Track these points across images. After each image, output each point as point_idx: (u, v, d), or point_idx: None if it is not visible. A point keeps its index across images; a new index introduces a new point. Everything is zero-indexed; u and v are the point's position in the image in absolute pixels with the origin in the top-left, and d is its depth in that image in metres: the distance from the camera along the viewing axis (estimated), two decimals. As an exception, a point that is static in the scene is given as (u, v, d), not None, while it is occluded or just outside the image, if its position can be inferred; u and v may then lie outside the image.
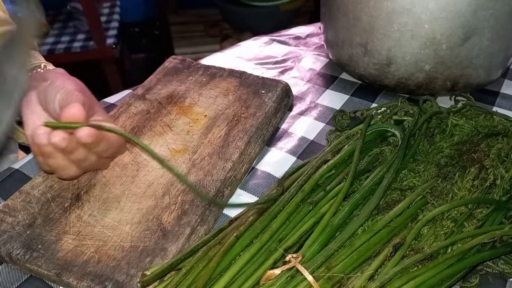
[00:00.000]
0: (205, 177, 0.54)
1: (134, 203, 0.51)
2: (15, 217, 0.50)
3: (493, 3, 0.60)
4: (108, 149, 0.51)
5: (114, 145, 0.52)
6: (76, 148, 0.48)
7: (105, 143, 0.50)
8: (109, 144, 0.51)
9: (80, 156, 0.49)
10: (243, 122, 0.62)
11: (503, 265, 0.47)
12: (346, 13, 0.69)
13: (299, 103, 0.74)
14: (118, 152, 0.56)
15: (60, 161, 0.49)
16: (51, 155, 0.48)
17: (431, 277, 0.41)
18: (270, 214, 0.46)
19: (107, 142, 0.50)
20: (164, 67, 0.74)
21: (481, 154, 0.52)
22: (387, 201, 0.49)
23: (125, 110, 0.65)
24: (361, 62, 0.72)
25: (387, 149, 0.55)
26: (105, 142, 0.50)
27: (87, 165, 0.51)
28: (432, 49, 0.65)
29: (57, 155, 0.48)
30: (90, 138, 0.46)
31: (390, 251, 0.43)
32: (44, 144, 0.46)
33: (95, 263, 0.45)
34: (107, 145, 0.50)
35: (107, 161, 0.55)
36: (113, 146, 0.52)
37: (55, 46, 2.10)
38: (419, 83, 0.69)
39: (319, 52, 0.87)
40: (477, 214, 0.46)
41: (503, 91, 0.74)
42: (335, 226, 0.45)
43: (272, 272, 0.41)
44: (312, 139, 0.65)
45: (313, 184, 0.49)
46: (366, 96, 0.74)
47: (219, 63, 0.77)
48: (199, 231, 0.50)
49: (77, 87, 0.51)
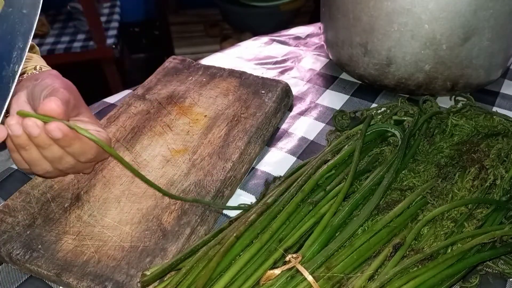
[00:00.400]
0: (205, 177, 0.54)
1: (134, 203, 0.51)
2: (15, 217, 0.50)
3: (493, 3, 0.60)
4: (84, 152, 0.48)
5: (91, 150, 0.49)
6: (49, 144, 0.46)
7: (80, 145, 0.47)
8: (85, 147, 0.48)
9: (55, 154, 0.47)
10: (243, 122, 0.62)
11: (503, 265, 0.47)
12: (346, 13, 0.69)
13: (299, 103, 0.74)
14: (98, 157, 0.52)
15: (34, 154, 0.47)
16: (24, 147, 0.46)
17: (431, 277, 0.41)
18: (270, 214, 0.46)
19: (82, 145, 0.47)
20: (164, 67, 0.75)
21: (481, 154, 0.52)
22: (387, 201, 0.49)
23: (125, 110, 0.65)
24: (361, 62, 0.72)
25: (387, 149, 0.55)
26: (80, 144, 0.47)
27: (66, 167, 0.49)
28: (432, 49, 0.65)
29: (31, 148, 0.46)
30: (59, 133, 0.44)
31: (390, 251, 0.42)
32: (16, 134, 0.44)
33: (95, 263, 0.45)
34: (82, 148, 0.48)
35: (88, 165, 0.53)
36: (90, 151, 0.49)
37: (55, 46, 2.10)
38: (419, 83, 0.69)
39: (319, 52, 0.87)
40: (477, 214, 0.46)
41: (503, 91, 0.74)
42: (335, 226, 0.45)
43: (272, 272, 0.41)
44: (312, 139, 0.65)
45: (313, 184, 0.49)
46: (366, 96, 0.74)
47: (219, 63, 0.77)
48: (199, 231, 0.50)
49: (64, 86, 0.49)
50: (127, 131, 0.61)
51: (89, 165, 0.53)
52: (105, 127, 0.61)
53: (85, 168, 0.53)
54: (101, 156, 0.52)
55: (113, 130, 0.61)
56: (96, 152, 0.50)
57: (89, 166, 0.53)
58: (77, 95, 0.51)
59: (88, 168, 0.54)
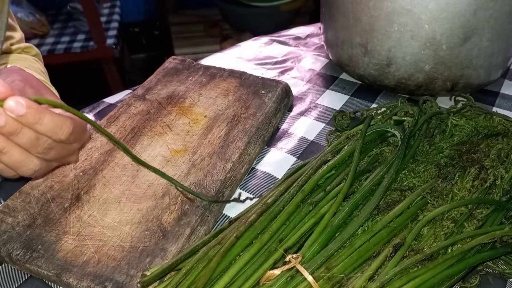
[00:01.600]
0: (205, 177, 0.54)
1: (134, 203, 0.51)
2: (15, 217, 0.50)
3: (493, 4, 0.60)
4: (59, 127, 0.43)
5: (66, 122, 0.43)
6: (19, 127, 0.40)
7: (50, 118, 0.41)
8: (57, 120, 0.42)
9: (29, 138, 0.41)
10: (243, 122, 0.62)
11: (503, 265, 0.47)
12: (346, 13, 0.69)
13: (299, 104, 0.74)
14: (77, 134, 0.46)
15: (14, 153, 0.42)
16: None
17: (431, 278, 0.41)
18: (270, 214, 0.46)
19: (53, 117, 0.42)
20: (164, 68, 0.75)
21: (481, 154, 0.52)
22: (387, 201, 0.49)
23: (125, 110, 0.65)
24: (361, 62, 0.72)
25: (387, 150, 0.55)
26: (50, 117, 0.41)
27: (47, 152, 0.44)
28: (432, 49, 0.65)
29: (7, 145, 0.41)
30: (21, 107, 0.39)
31: (390, 252, 0.42)
32: None
33: (95, 263, 0.45)
34: (54, 122, 0.42)
35: (70, 148, 0.48)
36: (65, 124, 0.43)
37: (55, 46, 2.10)
38: (419, 83, 0.69)
39: (319, 53, 0.87)
40: (477, 215, 0.46)
41: (503, 91, 0.74)
42: (335, 226, 0.45)
43: (272, 273, 0.41)
44: (312, 140, 0.65)
45: (313, 184, 0.49)
46: (366, 96, 0.74)
47: (219, 64, 0.77)
48: (199, 231, 0.50)
49: (21, 78, 0.47)
50: (127, 131, 0.61)
51: (72, 148, 0.49)
52: (105, 127, 0.61)
53: (69, 151, 0.48)
54: (80, 134, 0.47)
55: (113, 130, 0.61)
56: (71, 124, 0.44)
57: (73, 150, 0.49)
58: (37, 85, 0.48)
59: (73, 153, 0.50)
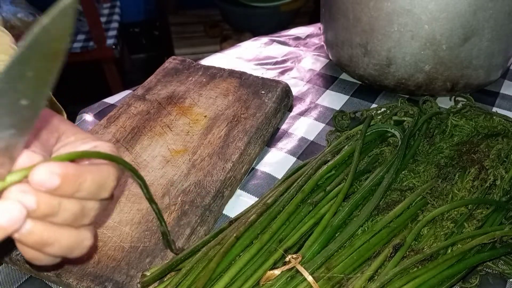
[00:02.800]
0: (205, 177, 0.54)
1: (134, 203, 0.51)
2: (15, 217, 0.50)
3: (493, 4, 0.60)
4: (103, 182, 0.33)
5: (110, 172, 0.34)
6: (57, 204, 0.29)
7: (92, 177, 0.31)
8: (100, 175, 0.32)
9: (72, 211, 0.31)
10: (243, 122, 0.62)
11: (503, 265, 0.47)
12: (346, 13, 0.69)
13: (299, 104, 0.74)
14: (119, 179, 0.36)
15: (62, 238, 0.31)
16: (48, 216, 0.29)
17: (431, 278, 0.41)
18: (270, 214, 0.46)
19: (95, 174, 0.32)
20: (164, 68, 0.75)
21: (481, 154, 0.52)
22: (387, 201, 0.49)
23: (125, 110, 0.65)
24: (361, 62, 0.72)
25: (387, 150, 0.55)
26: (91, 176, 0.31)
27: (94, 215, 0.34)
28: (432, 49, 0.65)
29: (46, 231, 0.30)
30: (54, 179, 0.28)
31: (390, 252, 0.42)
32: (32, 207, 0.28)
33: (95, 263, 0.45)
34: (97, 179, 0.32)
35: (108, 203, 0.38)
36: (109, 175, 0.34)
37: (55, 47, 2.10)
38: (419, 83, 0.69)
39: (319, 53, 0.87)
40: (477, 215, 0.46)
41: (503, 91, 0.74)
42: (335, 226, 0.45)
43: (272, 273, 0.41)
44: (312, 140, 0.65)
45: (313, 184, 0.49)
46: (366, 96, 0.74)
47: (219, 64, 0.77)
48: (199, 231, 0.50)
49: None
50: (127, 132, 0.61)
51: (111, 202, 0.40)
52: (105, 128, 0.61)
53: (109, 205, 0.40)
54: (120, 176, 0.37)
55: (113, 131, 0.61)
56: (117, 172, 0.35)
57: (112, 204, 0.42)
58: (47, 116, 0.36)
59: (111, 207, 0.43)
